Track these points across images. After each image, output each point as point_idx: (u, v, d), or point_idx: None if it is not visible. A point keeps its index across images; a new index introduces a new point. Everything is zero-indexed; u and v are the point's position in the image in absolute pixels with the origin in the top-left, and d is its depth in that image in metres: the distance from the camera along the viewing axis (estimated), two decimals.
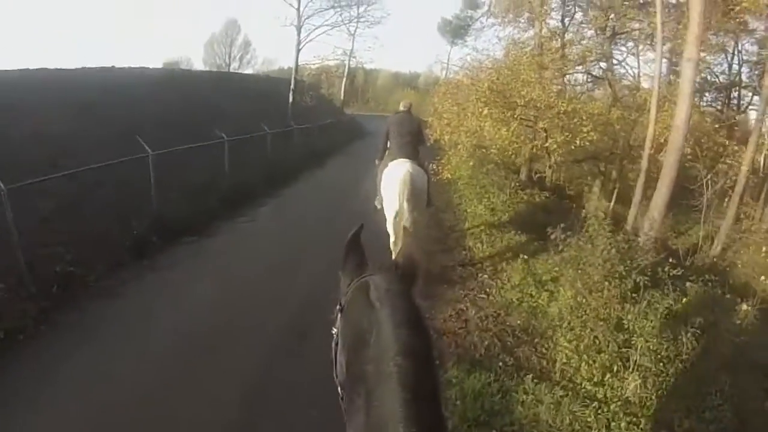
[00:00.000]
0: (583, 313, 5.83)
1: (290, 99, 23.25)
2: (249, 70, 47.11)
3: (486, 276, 7.62)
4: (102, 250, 7.24)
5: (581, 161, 15.53)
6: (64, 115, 11.17)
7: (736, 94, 17.10)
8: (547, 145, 11.90)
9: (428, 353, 1.29)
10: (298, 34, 24.58)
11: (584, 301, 5.92)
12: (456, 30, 39.59)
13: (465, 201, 12.67)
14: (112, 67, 20.34)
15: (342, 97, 36.91)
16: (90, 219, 7.99)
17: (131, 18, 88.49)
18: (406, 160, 6.80)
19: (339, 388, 1.46)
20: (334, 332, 1.54)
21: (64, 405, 4.25)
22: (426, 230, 8.64)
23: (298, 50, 24.70)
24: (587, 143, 11.93)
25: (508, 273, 7.62)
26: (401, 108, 7.67)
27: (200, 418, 4.19)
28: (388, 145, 7.34)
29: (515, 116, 11.76)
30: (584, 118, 11.86)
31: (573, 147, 12.05)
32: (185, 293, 6.65)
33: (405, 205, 6.56)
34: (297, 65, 24.96)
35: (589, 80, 18.48)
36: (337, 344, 1.50)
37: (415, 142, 7.21)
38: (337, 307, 1.52)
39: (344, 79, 36.16)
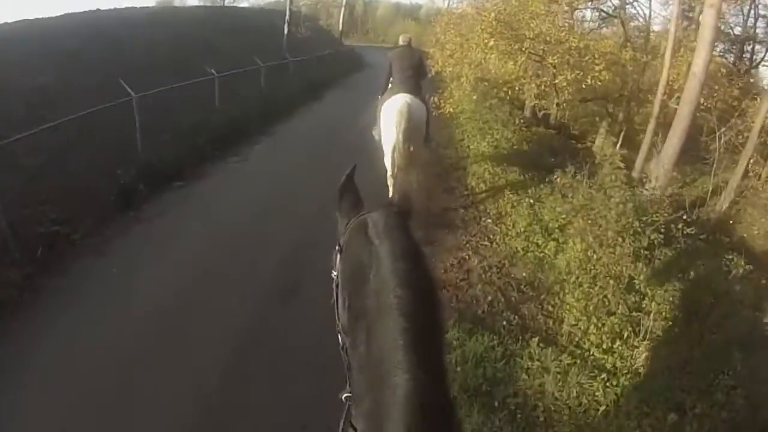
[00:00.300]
0: (593, 268, 5.55)
1: (285, 31, 22.16)
2: (245, 4, 44.98)
3: (489, 221, 7.32)
4: (88, 205, 6.85)
5: (589, 101, 14.82)
6: (48, 66, 10.45)
7: (749, 48, 16.80)
8: (556, 82, 11.13)
9: (428, 285, 1.28)
10: None
11: (594, 256, 5.60)
12: None
13: (467, 137, 12.14)
14: (97, 10, 18.85)
15: (340, 28, 35.43)
16: (75, 172, 7.56)
17: None
18: (407, 94, 6.74)
19: (339, 336, 1.47)
20: (334, 275, 1.52)
21: (51, 378, 4.03)
22: (426, 166, 8.38)
23: None
24: (599, 83, 11.27)
25: (513, 218, 7.31)
26: (401, 42, 7.62)
27: (192, 372, 4.07)
28: (391, 80, 7.25)
29: (523, 49, 10.94)
30: (596, 56, 11.13)
31: (584, 86, 11.33)
32: (172, 244, 6.33)
33: (400, 137, 6.49)
34: None
35: (600, 17, 17.73)
36: (337, 286, 1.49)
37: (417, 77, 7.18)
38: (336, 248, 1.50)
39: (342, 9, 34.59)
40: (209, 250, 6.09)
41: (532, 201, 7.57)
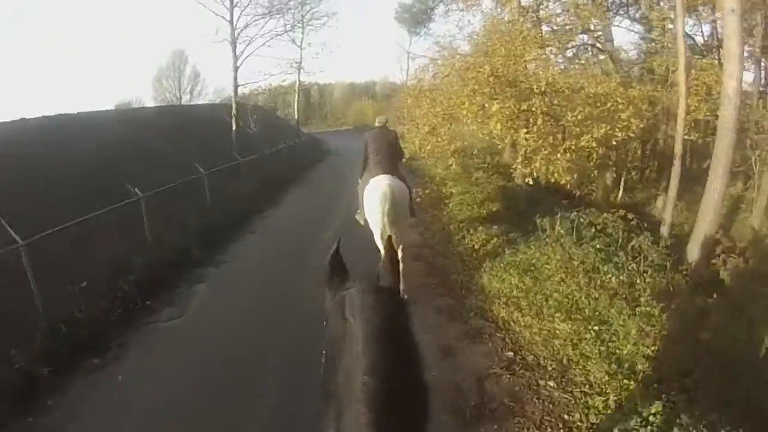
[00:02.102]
0: None
1: (233, 126, 20.21)
2: (202, 102, 43.80)
3: (551, 384, 4.70)
4: None
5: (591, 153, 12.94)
6: None
7: None
8: (582, 144, 8.64)
9: (397, 369, 1.26)
10: (234, 49, 21.14)
11: None
12: (417, 15, 36.18)
13: (465, 231, 9.62)
14: (21, 119, 16.27)
15: (296, 116, 33.82)
16: None
17: (75, 63, 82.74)
18: (386, 175, 6.83)
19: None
20: (323, 351, 1.48)
21: None
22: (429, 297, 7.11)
23: (236, 68, 21.35)
24: (631, 134, 9.08)
25: (582, 364, 4.86)
26: (377, 124, 7.61)
27: None
28: (368, 162, 7.27)
29: (533, 109, 8.63)
30: (619, 101, 8.87)
31: (614, 141, 9.07)
32: None
33: (386, 220, 6.51)
34: (236, 86, 21.57)
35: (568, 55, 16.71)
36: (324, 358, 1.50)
37: (393, 156, 7.30)
38: (324, 323, 1.52)
39: (296, 95, 32.98)
40: None
41: (596, 327, 5.39)
